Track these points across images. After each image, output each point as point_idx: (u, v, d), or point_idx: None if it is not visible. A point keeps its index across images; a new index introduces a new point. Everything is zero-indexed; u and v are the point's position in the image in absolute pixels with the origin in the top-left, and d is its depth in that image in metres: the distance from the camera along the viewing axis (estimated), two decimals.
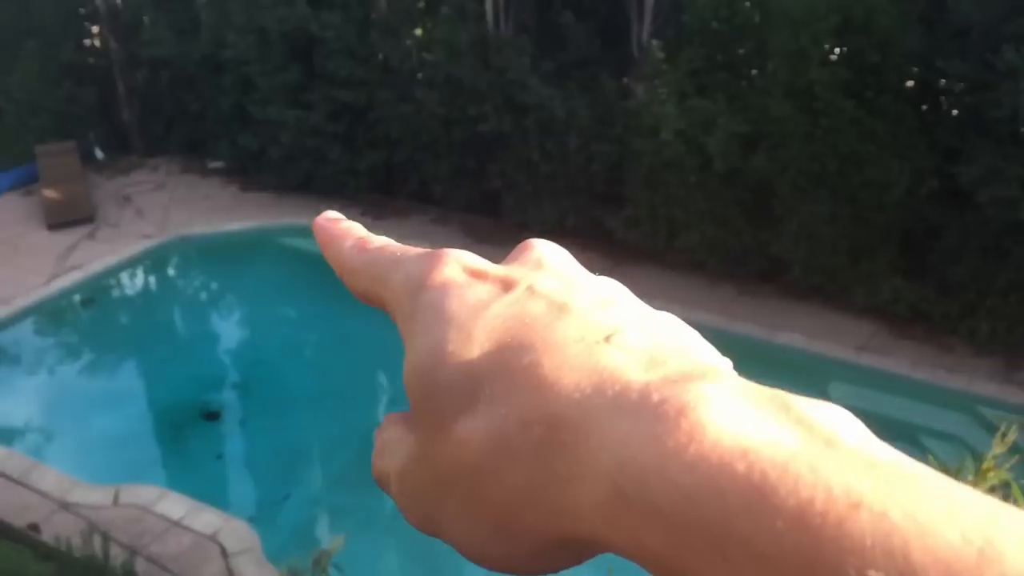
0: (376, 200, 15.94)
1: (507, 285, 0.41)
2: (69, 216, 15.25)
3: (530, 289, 0.40)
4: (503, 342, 0.37)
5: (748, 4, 12.45)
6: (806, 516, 0.26)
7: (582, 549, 0.35)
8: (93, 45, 18.55)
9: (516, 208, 14.58)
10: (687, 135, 12.31)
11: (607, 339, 0.36)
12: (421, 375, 0.38)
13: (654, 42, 13.16)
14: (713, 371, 0.33)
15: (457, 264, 0.42)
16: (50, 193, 15.56)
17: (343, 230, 0.51)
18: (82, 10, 18.02)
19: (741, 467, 0.28)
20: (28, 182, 16.60)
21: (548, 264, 0.44)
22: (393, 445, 0.43)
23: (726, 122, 12.06)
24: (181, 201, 16.10)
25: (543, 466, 0.34)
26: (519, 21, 13.95)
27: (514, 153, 14.08)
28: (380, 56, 15.19)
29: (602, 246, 14.12)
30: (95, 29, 18.41)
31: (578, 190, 13.98)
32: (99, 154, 17.80)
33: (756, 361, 11.38)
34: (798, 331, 11.89)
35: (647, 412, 0.31)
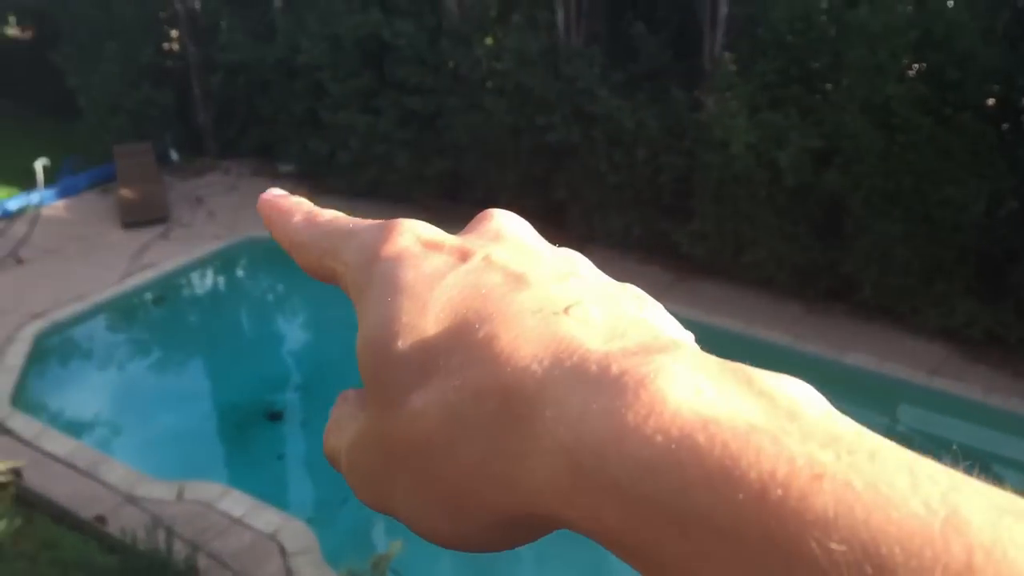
0: (442, 207, 16.00)
1: (463, 255, 0.40)
2: (144, 216, 15.60)
3: (487, 260, 0.39)
4: (459, 313, 0.37)
5: (824, 17, 12.24)
6: (768, 488, 0.26)
7: (537, 526, 0.35)
8: (171, 48, 18.98)
9: (581, 219, 14.52)
10: (758, 149, 12.14)
11: (566, 310, 0.36)
12: (374, 347, 0.38)
13: (727, 54, 13.02)
14: (674, 344, 0.33)
15: (412, 234, 0.42)
16: (126, 193, 15.93)
17: (290, 205, 0.50)
18: (162, 14, 18.44)
19: (701, 439, 0.28)
20: (105, 181, 17.03)
21: (506, 235, 0.43)
22: (345, 421, 0.42)
23: (798, 136, 11.87)
24: (252, 204, 15.97)
25: (498, 440, 0.33)
26: (590, 31, 13.92)
27: (581, 163, 14.04)
28: (450, 64, 15.27)
29: (667, 259, 13.99)
30: (174, 33, 18.84)
31: (645, 202, 13.87)
32: (174, 155, 18.18)
33: (824, 381, 11.02)
34: (868, 352, 11.62)
35: (606, 384, 0.31)
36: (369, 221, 0.45)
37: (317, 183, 17.08)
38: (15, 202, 15.81)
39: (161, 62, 18.32)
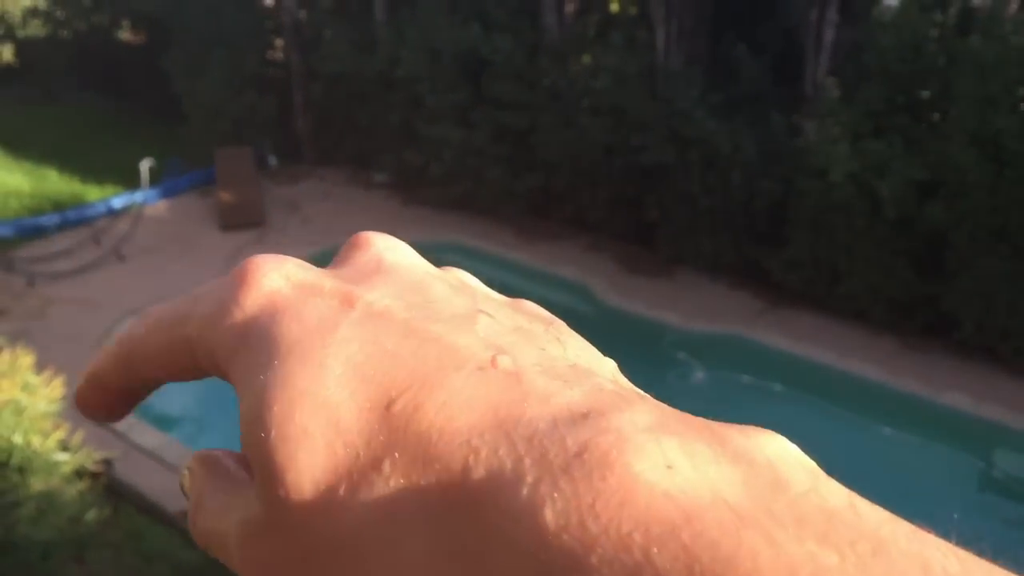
0: (530, 223, 16.04)
1: (348, 300, 0.33)
2: (241, 219, 15.99)
3: (379, 305, 0.33)
4: (366, 376, 0.30)
5: (934, 46, 11.91)
6: None
7: None
8: (275, 57, 19.47)
9: (671, 241, 14.38)
10: (859, 178, 11.86)
11: (492, 363, 0.30)
12: (266, 421, 0.30)
13: (830, 79, 12.77)
14: (622, 398, 0.29)
15: (279, 275, 0.34)
16: (225, 196, 16.37)
17: (101, 353, 0.40)
18: (268, 24, 18.94)
19: (686, 538, 0.24)
20: (205, 184, 17.53)
21: (388, 266, 0.37)
22: (222, 499, 0.34)
23: (902, 167, 11.56)
24: (345, 211, 16.65)
25: (444, 536, 0.27)
26: (690, 52, 13.80)
27: (674, 185, 13.90)
28: (547, 81, 15.31)
29: (757, 286, 13.76)
30: (278, 43, 19.32)
31: (737, 227, 13.67)
32: (272, 161, 18.62)
33: (917, 421, 10.85)
34: (965, 392, 11.22)
35: (565, 467, 0.26)
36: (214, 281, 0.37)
37: (409, 194, 17.32)
38: (120, 200, 16.38)
39: (265, 70, 18.80)
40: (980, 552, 0.23)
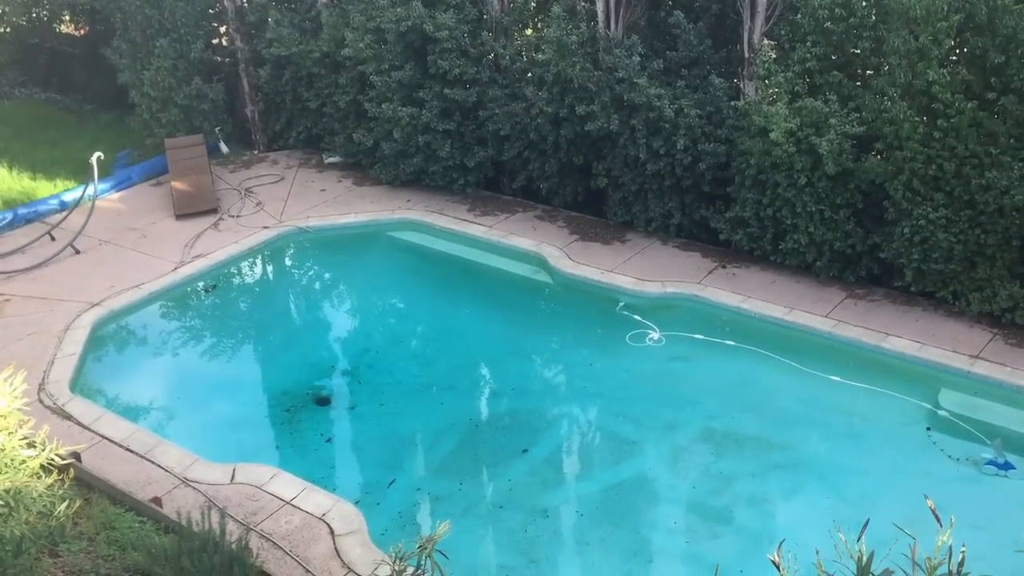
0: (483, 196, 16.21)
1: None
2: (195, 207, 15.99)
3: None
4: None
5: (865, 3, 12.20)
6: None
7: None
8: (221, 44, 19.33)
9: (621, 206, 14.65)
10: (798, 135, 12.16)
11: None
12: None
13: (766, 41, 13.03)
14: None
15: None
16: (178, 185, 16.34)
17: None
18: (211, 11, 18.79)
19: None
20: (158, 174, 17.47)
21: None
22: None
23: (839, 123, 11.88)
24: (298, 194, 16.69)
25: None
26: (630, 20, 13.99)
27: (621, 152, 14.14)
28: (491, 55, 15.44)
29: (707, 246, 14.09)
30: (222, 29, 19.19)
31: (684, 190, 13.96)
32: (224, 148, 18.56)
33: (864, 368, 11.20)
34: (908, 338, 11.63)
35: None
36: None
37: (362, 173, 17.38)
38: (72, 194, 16.27)
39: (211, 58, 18.68)
40: None
